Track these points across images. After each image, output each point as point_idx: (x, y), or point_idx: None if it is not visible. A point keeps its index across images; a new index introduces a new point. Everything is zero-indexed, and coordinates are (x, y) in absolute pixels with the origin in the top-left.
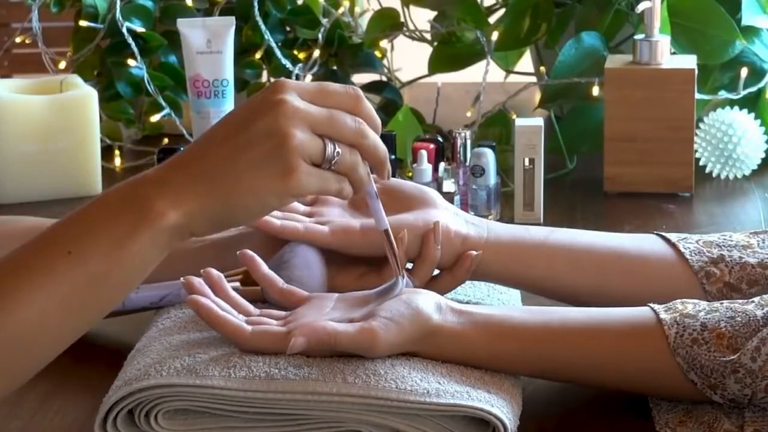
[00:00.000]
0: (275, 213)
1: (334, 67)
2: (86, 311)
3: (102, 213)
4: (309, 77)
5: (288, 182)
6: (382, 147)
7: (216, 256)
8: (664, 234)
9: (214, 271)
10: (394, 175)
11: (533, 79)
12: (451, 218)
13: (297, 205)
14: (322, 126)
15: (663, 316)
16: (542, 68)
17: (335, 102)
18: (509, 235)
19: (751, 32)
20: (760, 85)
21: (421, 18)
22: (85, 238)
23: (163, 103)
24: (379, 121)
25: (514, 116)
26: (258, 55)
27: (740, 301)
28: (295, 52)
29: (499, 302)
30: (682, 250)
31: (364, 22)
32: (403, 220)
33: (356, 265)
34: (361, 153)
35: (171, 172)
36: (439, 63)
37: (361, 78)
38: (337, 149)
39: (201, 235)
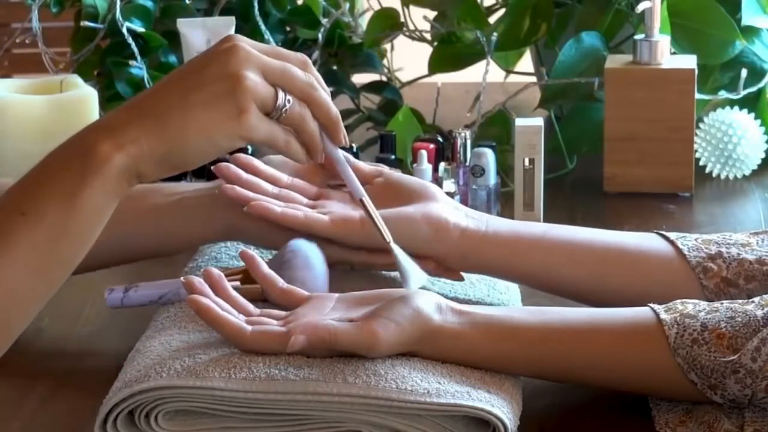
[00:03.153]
0: (276, 200)
1: (334, 67)
2: (52, 269)
3: (51, 167)
4: None
5: (239, 123)
6: (334, 107)
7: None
8: (663, 233)
9: (214, 271)
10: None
11: (533, 79)
12: (450, 211)
13: (299, 197)
14: (274, 74)
15: (663, 316)
16: (542, 68)
17: (285, 59)
18: (508, 229)
19: (751, 32)
20: (760, 85)
21: (421, 18)
22: (37, 196)
23: None
24: (326, 87)
25: (514, 116)
26: None
27: (740, 301)
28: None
29: (499, 302)
30: (681, 246)
31: (364, 22)
32: (402, 212)
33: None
34: (312, 108)
35: (117, 115)
36: (439, 63)
37: (361, 78)
38: (288, 98)
39: (149, 178)
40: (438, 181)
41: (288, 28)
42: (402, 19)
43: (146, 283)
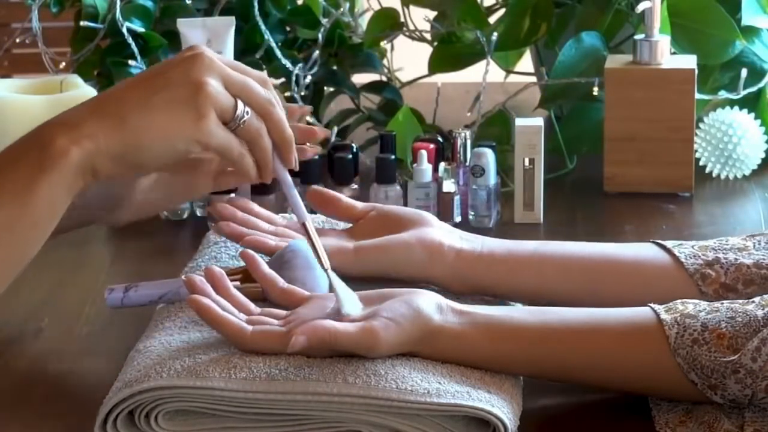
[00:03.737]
0: (268, 228)
1: (334, 67)
2: (7, 258)
3: (7, 159)
4: (309, 77)
5: (197, 127)
6: (290, 128)
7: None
8: (659, 242)
9: (215, 269)
10: (393, 178)
11: (533, 79)
12: (444, 234)
13: (294, 234)
14: (235, 85)
15: (663, 316)
16: (542, 68)
17: (247, 74)
18: (502, 248)
19: (751, 32)
20: (760, 85)
21: (421, 18)
22: None
23: None
24: (283, 108)
25: (514, 116)
26: (258, 55)
27: (741, 301)
28: (295, 52)
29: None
30: (677, 254)
31: (364, 22)
32: (397, 238)
33: None
34: (269, 125)
35: (78, 112)
36: (439, 63)
37: (361, 78)
38: (247, 110)
39: (105, 176)
40: (438, 181)
41: (288, 28)
42: (402, 19)
43: (146, 283)
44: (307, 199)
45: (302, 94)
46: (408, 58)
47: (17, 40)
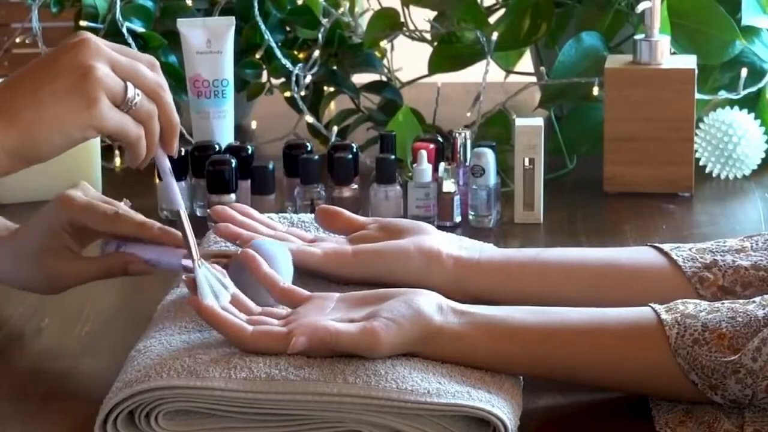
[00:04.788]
0: (268, 232)
1: (334, 67)
2: None
3: None
4: (309, 77)
5: (90, 113)
6: (176, 114)
7: None
8: (656, 245)
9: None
10: (393, 178)
11: (533, 79)
12: (443, 242)
13: (293, 237)
14: (123, 69)
15: (664, 316)
16: (542, 68)
17: (134, 58)
18: (501, 255)
19: (751, 32)
20: (760, 85)
21: (421, 18)
22: None
23: None
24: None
25: (514, 116)
26: (258, 55)
27: (741, 301)
28: (295, 52)
29: None
30: (675, 257)
31: (364, 22)
32: (395, 245)
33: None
34: (158, 108)
35: None
36: (439, 63)
37: (361, 78)
38: (137, 91)
39: (4, 172)
40: (438, 181)
41: (288, 28)
42: (402, 19)
43: (134, 245)
44: (316, 220)
45: (302, 94)
46: (408, 58)
47: (17, 40)
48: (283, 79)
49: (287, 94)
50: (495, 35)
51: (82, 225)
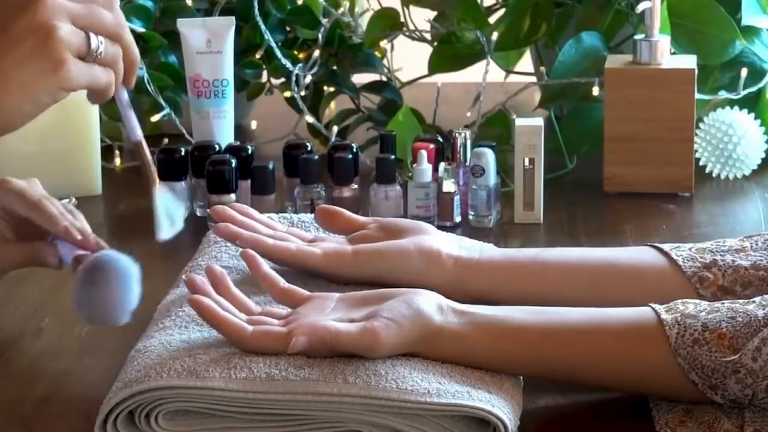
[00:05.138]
0: (267, 232)
1: (334, 67)
2: None
3: None
4: (309, 77)
5: (58, 75)
6: (137, 48)
7: None
8: (656, 245)
9: (216, 268)
10: (393, 178)
11: (533, 79)
12: (443, 242)
13: (293, 237)
14: (82, 19)
15: (664, 316)
16: (542, 68)
17: (91, 1)
18: (501, 255)
19: (751, 32)
20: (760, 85)
21: (421, 18)
22: None
23: (163, 103)
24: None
25: (514, 116)
26: (258, 55)
27: (741, 301)
28: (295, 52)
29: None
30: (675, 257)
31: (364, 22)
32: (395, 244)
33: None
34: (121, 47)
35: None
36: (439, 63)
37: (361, 78)
38: (101, 39)
39: None
40: (438, 181)
41: (288, 28)
42: (402, 19)
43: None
44: (316, 220)
45: (302, 94)
46: (408, 58)
47: None
48: (283, 79)
49: (287, 94)
50: (495, 35)
51: (16, 212)
